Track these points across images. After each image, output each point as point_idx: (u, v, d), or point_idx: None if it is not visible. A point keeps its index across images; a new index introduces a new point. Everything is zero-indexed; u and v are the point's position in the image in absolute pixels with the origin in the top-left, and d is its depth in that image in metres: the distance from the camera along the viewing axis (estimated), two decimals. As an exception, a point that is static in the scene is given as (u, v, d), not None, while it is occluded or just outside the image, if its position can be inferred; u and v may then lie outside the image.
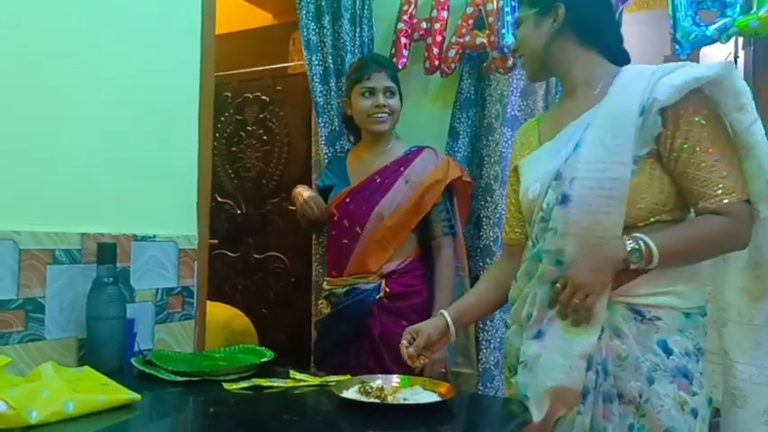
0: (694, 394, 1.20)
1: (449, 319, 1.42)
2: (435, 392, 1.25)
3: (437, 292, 1.96)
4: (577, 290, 1.19)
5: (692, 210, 1.26)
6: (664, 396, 1.18)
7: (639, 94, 1.20)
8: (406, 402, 1.18)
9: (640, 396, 1.19)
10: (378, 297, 1.92)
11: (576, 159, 1.23)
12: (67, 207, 1.47)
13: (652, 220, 1.23)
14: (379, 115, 1.98)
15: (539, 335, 1.26)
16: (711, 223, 1.19)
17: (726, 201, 1.18)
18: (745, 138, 1.20)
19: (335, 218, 2.01)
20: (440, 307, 1.89)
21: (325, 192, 2.11)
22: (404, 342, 1.37)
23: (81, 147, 1.50)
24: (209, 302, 2.48)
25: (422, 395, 1.23)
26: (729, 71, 1.19)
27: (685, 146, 1.19)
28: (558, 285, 1.23)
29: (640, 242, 1.17)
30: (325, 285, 2.08)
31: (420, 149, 2.04)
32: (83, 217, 1.50)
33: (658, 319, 1.22)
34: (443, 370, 1.92)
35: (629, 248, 1.17)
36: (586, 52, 1.35)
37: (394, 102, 2.01)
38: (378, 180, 1.98)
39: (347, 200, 1.99)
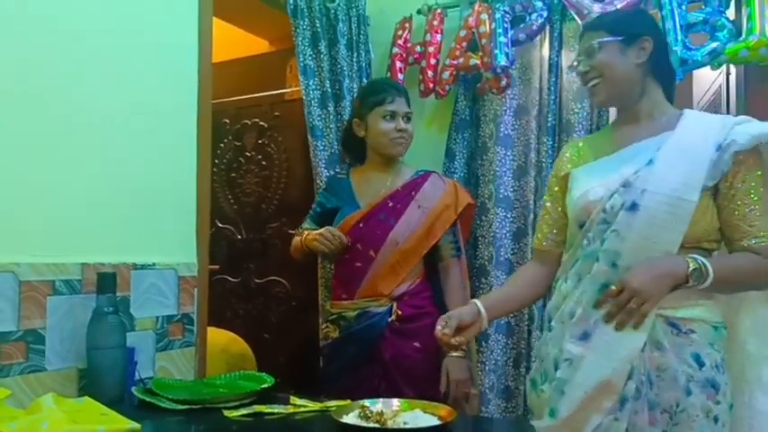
0: (718, 403, 1.27)
1: (480, 307, 1.44)
2: (435, 416, 1.25)
3: (451, 307, 1.95)
4: (635, 295, 1.24)
5: (722, 245, 1.37)
6: (698, 406, 1.25)
7: (716, 134, 1.32)
8: (407, 427, 1.18)
9: (677, 406, 1.26)
10: (390, 320, 1.92)
11: (649, 173, 1.31)
12: (67, 237, 1.49)
13: (696, 245, 1.32)
14: (400, 139, 2.00)
15: (584, 336, 1.31)
16: (754, 261, 1.31)
17: (766, 243, 1.30)
18: None
19: (348, 241, 1.99)
20: None
21: (326, 214, 2.09)
22: (438, 327, 1.37)
23: (79, 177, 1.52)
24: (208, 328, 2.48)
25: (422, 419, 1.23)
26: None
27: (742, 188, 1.32)
28: (614, 288, 1.27)
29: (700, 263, 1.25)
30: (331, 309, 2.05)
31: (427, 174, 2.05)
32: (82, 247, 1.51)
33: (692, 332, 1.30)
34: (467, 391, 1.91)
35: (691, 267, 1.25)
36: (656, 87, 1.44)
37: (410, 127, 2.03)
38: (390, 204, 1.98)
39: (360, 224, 1.98)
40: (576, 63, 1.49)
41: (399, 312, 1.91)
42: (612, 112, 1.96)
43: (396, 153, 2.01)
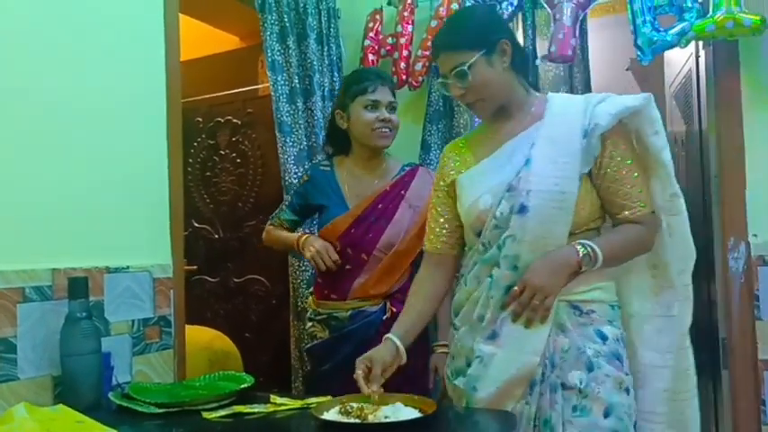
0: (627, 374, 1.37)
1: (398, 344, 1.43)
2: (416, 408, 1.24)
3: (439, 308, 1.95)
4: (537, 292, 1.31)
5: (607, 219, 1.44)
6: (604, 377, 1.33)
7: (580, 119, 1.37)
8: (388, 420, 1.18)
9: (581, 382, 1.33)
10: (384, 317, 1.88)
11: (529, 174, 1.36)
12: (36, 243, 1.45)
13: (584, 228, 1.39)
14: (384, 129, 1.92)
15: (493, 335, 1.37)
16: (635, 230, 1.40)
17: (643, 212, 1.39)
18: (658, 157, 1.41)
19: (337, 243, 1.93)
20: (443, 324, 1.87)
21: (308, 208, 2.03)
22: (359, 373, 1.34)
23: (47, 180, 1.49)
24: (189, 326, 2.45)
25: (403, 412, 1.22)
26: (649, 101, 1.41)
27: (612, 165, 1.38)
28: (516, 289, 1.33)
29: (588, 247, 1.33)
30: (318, 308, 1.98)
31: (414, 169, 2.01)
32: (52, 252, 1.48)
33: (593, 312, 1.39)
34: None
35: (581, 254, 1.32)
36: (519, 81, 1.48)
37: (395, 117, 1.95)
38: (380, 206, 1.93)
39: (351, 229, 1.92)
40: (440, 83, 1.48)
41: (393, 310, 1.87)
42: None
43: (380, 144, 1.94)
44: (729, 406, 2.04)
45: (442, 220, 1.56)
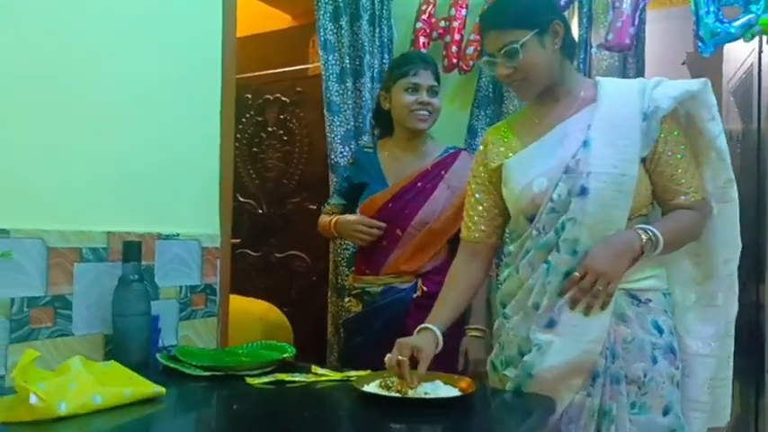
0: (677, 368, 1.36)
1: (439, 336, 1.38)
2: (456, 387, 1.25)
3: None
4: (599, 277, 1.27)
5: (655, 205, 1.42)
6: (664, 373, 1.32)
7: (639, 102, 1.35)
8: (427, 397, 1.19)
9: (645, 375, 1.31)
10: (415, 296, 1.91)
11: (588, 155, 1.32)
12: (94, 207, 1.51)
13: (637, 214, 1.36)
14: (422, 112, 1.94)
15: (550, 323, 1.32)
16: (689, 217, 1.37)
17: (696, 198, 1.37)
18: (713, 144, 1.38)
19: (375, 219, 1.97)
20: (477, 308, 1.91)
21: (353, 189, 2.07)
22: (405, 360, 1.25)
23: (107, 148, 1.54)
24: (243, 298, 2.52)
25: (442, 389, 1.24)
26: (707, 86, 1.38)
27: (667, 150, 1.36)
28: (577, 274, 1.29)
29: (650, 232, 1.30)
30: (354, 283, 2.05)
31: (457, 152, 2.02)
32: (108, 216, 1.53)
33: (650, 300, 1.36)
34: (483, 370, 1.90)
35: (644, 238, 1.29)
36: (569, 64, 1.46)
37: (436, 101, 1.97)
38: (419, 184, 1.96)
39: (389, 204, 1.96)
40: (486, 61, 1.43)
41: (424, 289, 1.91)
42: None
43: (418, 127, 1.96)
44: (772, 410, 2.00)
45: (480, 207, 1.53)
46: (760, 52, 2.17)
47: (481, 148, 1.57)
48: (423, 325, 1.41)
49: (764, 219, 2.07)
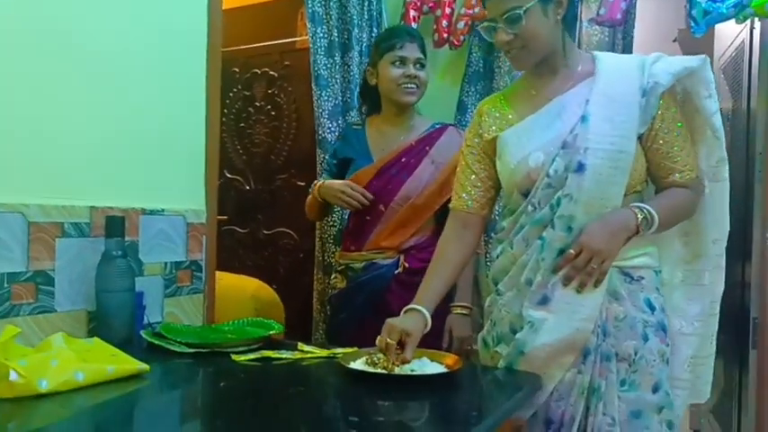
0: (667, 345, 1.37)
1: (428, 317, 1.36)
2: (442, 364, 1.25)
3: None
4: (594, 255, 1.27)
5: (649, 181, 1.42)
6: (654, 350, 1.32)
7: (638, 77, 1.33)
8: (414, 373, 1.19)
9: (636, 353, 1.31)
10: (396, 272, 1.91)
11: (586, 131, 1.30)
12: (76, 180, 1.48)
13: (632, 191, 1.35)
14: (409, 86, 1.92)
15: (544, 300, 1.31)
16: (683, 195, 1.37)
17: (691, 176, 1.37)
18: (709, 121, 1.37)
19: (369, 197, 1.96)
20: (463, 285, 1.89)
21: (341, 165, 2.06)
22: (393, 343, 1.24)
23: (89, 121, 1.50)
24: (234, 275, 2.50)
25: (429, 366, 1.23)
26: (706, 63, 1.36)
27: (663, 127, 1.35)
28: (572, 251, 1.28)
29: (645, 210, 1.30)
30: (339, 260, 2.06)
31: (444, 127, 2.00)
32: (91, 191, 1.50)
33: (642, 278, 1.36)
34: (469, 347, 1.91)
35: (640, 217, 1.29)
36: (568, 36, 1.42)
37: (423, 74, 1.95)
38: (403, 159, 1.95)
39: (374, 180, 1.95)
40: (487, 26, 1.39)
41: (406, 265, 1.91)
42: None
43: (406, 101, 1.95)
44: (754, 385, 2.02)
45: (474, 177, 1.50)
46: (752, 29, 2.16)
47: (476, 118, 1.54)
48: (411, 305, 1.38)
49: (752, 197, 2.08)
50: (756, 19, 2.05)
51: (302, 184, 2.83)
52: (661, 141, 1.35)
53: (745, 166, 2.18)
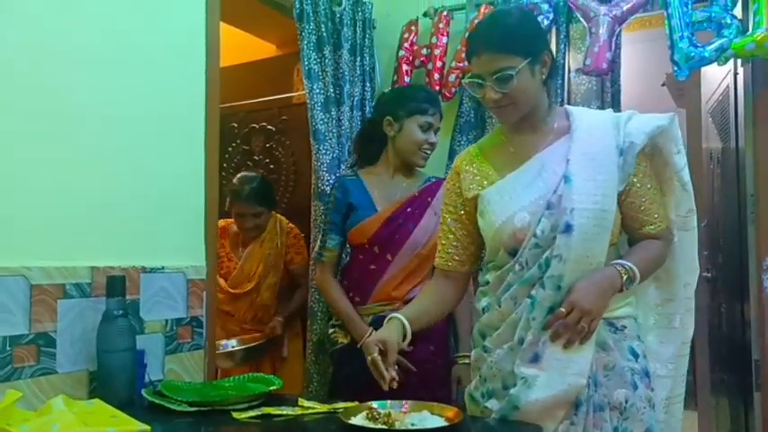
0: (652, 390, 1.39)
1: (406, 324, 1.41)
2: (443, 417, 1.25)
3: (459, 317, 1.98)
4: (585, 315, 1.29)
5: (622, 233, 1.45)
6: (643, 397, 1.35)
7: (614, 136, 1.38)
8: (414, 428, 1.19)
9: (626, 401, 1.34)
10: None
11: (570, 191, 1.33)
12: (77, 241, 1.50)
13: (611, 244, 1.38)
14: (428, 151, 2.02)
15: (535, 358, 1.32)
16: (656, 246, 1.42)
17: (662, 227, 1.42)
18: (678, 176, 1.43)
19: (365, 244, 1.99)
20: (465, 336, 1.92)
21: (345, 215, 2.03)
22: (376, 356, 1.31)
23: (88, 181, 1.53)
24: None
25: (429, 420, 1.23)
26: (674, 120, 1.42)
27: (636, 182, 1.40)
28: (563, 310, 1.29)
29: (627, 268, 1.34)
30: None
31: (440, 181, 2.05)
32: (92, 251, 1.53)
33: (625, 327, 1.40)
34: None
35: (624, 277, 1.33)
36: (545, 93, 1.47)
37: (436, 141, 2.06)
38: (409, 209, 1.99)
39: (380, 230, 1.97)
40: (474, 82, 1.39)
41: None
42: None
43: (420, 164, 2.04)
44: (761, 428, 2.00)
45: (452, 236, 1.52)
46: (735, 74, 2.22)
47: (453, 176, 1.54)
48: (389, 315, 1.44)
49: (746, 236, 2.10)
50: (740, 63, 2.11)
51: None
52: (636, 196, 1.40)
53: (737, 205, 2.20)
